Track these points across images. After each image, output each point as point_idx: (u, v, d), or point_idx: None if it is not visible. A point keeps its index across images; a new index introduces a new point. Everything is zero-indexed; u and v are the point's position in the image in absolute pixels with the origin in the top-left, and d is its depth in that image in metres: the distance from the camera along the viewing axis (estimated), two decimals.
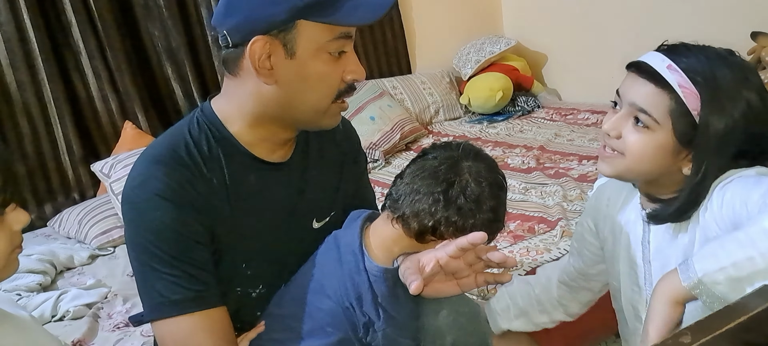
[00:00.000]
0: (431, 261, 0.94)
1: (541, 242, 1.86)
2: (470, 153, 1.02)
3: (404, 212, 1.00)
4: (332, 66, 0.98)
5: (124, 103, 2.67)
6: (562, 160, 2.61)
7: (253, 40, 0.94)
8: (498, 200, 1.02)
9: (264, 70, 0.96)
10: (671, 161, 0.97)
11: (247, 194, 1.05)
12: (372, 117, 3.04)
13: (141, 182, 0.99)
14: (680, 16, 3.01)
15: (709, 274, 0.78)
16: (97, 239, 2.21)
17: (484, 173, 1.00)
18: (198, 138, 1.03)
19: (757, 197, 0.84)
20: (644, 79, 0.96)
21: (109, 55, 2.61)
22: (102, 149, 2.63)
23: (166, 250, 0.97)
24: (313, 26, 0.94)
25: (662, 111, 0.94)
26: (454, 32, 3.74)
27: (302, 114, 1.02)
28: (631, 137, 0.97)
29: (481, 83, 3.39)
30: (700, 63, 0.94)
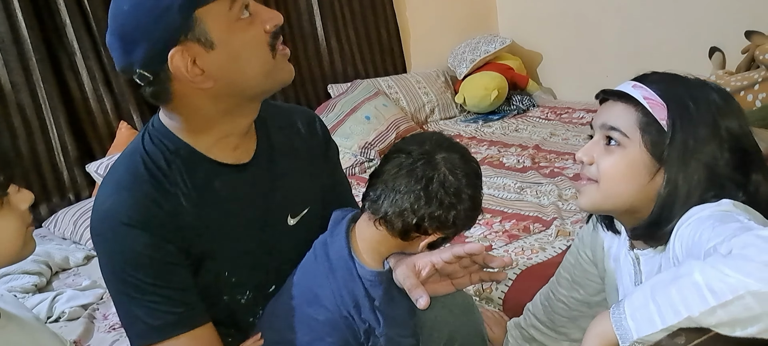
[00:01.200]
0: (427, 266, 0.95)
1: (536, 241, 1.87)
2: (443, 145, 1.01)
3: (386, 213, 0.99)
4: (250, 28, 0.95)
5: (119, 103, 2.67)
6: (557, 159, 2.62)
7: (170, 57, 0.90)
8: (476, 188, 1.01)
9: (197, 77, 0.92)
10: (646, 180, 0.95)
11: (214, 202, 1.02)
12: (367, 116, 3.04)
13: (106, 211, 0.97)
14: (674, 15, 3.02)
15: (645, 337, 0.76)
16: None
17: (459, 163, 1.00)
18: (154, 154, 1.00)
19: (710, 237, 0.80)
20: (612, 101, 0.99)
21: (103, 55, 2.60)
22: (97, 149, 2.63)
23: (142, 277, 0.95)
24: (208, 9, 0.90)
25: (631, 124, 0.95)
26: (449, 31, 3.75)
27: (254, 85, 0.98)
28: (604, 161, 0.97)
29: (477, 82, 3.40)
30: (668, 81, 0.97)
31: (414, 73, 3.61)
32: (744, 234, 0.74)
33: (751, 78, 2.47)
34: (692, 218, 0.88)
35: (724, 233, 0.78)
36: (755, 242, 0.72)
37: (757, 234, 0.73)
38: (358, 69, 3.48)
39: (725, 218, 0.83)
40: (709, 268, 0.73)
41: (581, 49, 3.53)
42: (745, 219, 0.82)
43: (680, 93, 0.94)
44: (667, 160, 0.93)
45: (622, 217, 1.03)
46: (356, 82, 3.32)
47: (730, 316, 0.70)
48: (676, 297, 0.74)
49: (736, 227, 0.79)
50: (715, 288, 0.71)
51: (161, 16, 0.89)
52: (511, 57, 3.64)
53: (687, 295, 0.73)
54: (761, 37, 2.60)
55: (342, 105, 3.10)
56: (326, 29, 3.31)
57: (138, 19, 0.90)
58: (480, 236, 1.97)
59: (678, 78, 0.98)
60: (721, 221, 0.82)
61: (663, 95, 0.94)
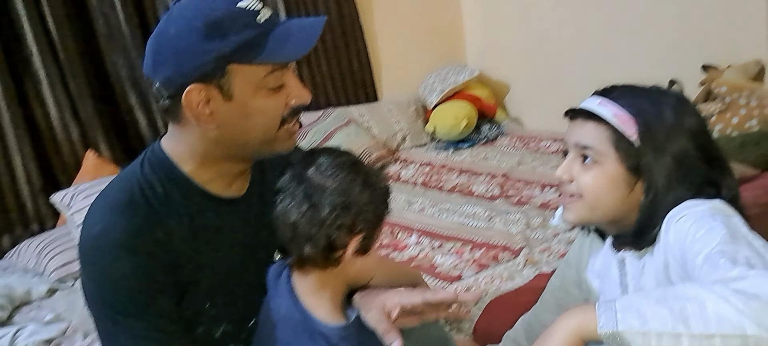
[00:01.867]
0: (396, 308, 0.95)
1: (505, 269, 1.89)
2: (307, 159, 0.98)
3: (301, 253, 0.96)
4: (273, 98, 0.97)
5: (86, 132, 2.63)
6: (525, 187, 2.66)
7: (187, 90, 0.93)
8: (358, 172, 0.97)
9: (204, 116, 0.95)
10: (626, 192, 0.99)
11: (206, 232, 1.03)
12: (339, 145, 3.05)
13: (97, 232, 0.96)
14: (635, 49, 3.12)
15: (630, 332, 0.74)
16: (57, 271, 2.16)
17: (327, 163, 0.97)
18: (152, 180, 1.00)
19: (706, 254, 0.82)
20: (582, 120, 1.03)
21: (70, 84, 2.57)
22: (62, 179, 2.58)
23: (129, 302, 0.94)
24: (244, 67, 0.93)
25: (604, 143, 0.99)
26: (420, 61, 3.81)
27: (252, 147, 1.01)
28: (584, 177, 1.01)
29: (447, 111, 3.45)
30: (630, 94, 1.01)
31: (385, 101, 3.64)
32: (760, 275, 0.75)
33: (709, 109, 2.56)
34: (687, 211, 0.92)
35: (736, 257, 0.79)
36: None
37: None
38: (330, 97, 3.50)
39: (735, 234, 0.84)
40: (722, 299, 0.72)
41: (547, 80, 3.61)
42: (753, 238, 0.84)
43: (644, 104, 0.99)
44: (644, 171, 0.97)
45: (607, 226, 1.07)
46: (328, 110, 3.33)
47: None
48: (677, 310, 0.74)
49: (748, 255, 0.80)
50: (724, 318, 0.71)
51: (198, 55, 0.91)
52: (479, 87, 3.70)
53: (690, 313, 0.73)
54: (717, 72, 2.71)
55: (314, 133, 3.11)
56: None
57: (177, 46, 0.93)
58: (450, 265, 1.99)
59: (639, 89, 1.03)
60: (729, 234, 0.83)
61: (630, 109, 0.98)
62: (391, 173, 3.15)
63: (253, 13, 0.94)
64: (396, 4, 3.73)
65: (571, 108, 1.05)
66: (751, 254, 0.80)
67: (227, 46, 0.91)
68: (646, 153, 0.97)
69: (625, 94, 1.01)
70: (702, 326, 0.72)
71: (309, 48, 0.95)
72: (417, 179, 3.00)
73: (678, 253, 0.91)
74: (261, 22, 0.94)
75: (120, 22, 2.68)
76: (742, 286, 0.74)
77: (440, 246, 2.16)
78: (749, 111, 2.46)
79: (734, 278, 0.76)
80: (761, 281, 0.74)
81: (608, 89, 1.04)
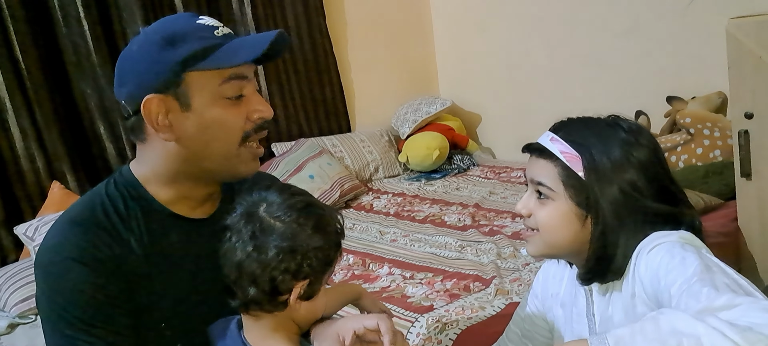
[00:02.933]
0: (349, 333, 0.94)
1: (476, 300, 1.89)
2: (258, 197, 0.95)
3: (246, 295, 0.92)
4: (233, 110, 0.98)
5: (52, 163, 2.58)
6: (496, 217, 2.68)
7: (145, 100, 0.95)
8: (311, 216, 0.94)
9: (163, 127, 0.97)
10: (579, 226, 1.01)
11: (167, 253, 1.02)
12: (311, 175, 3.05)
13: (55, 244, 0.96)
14: (603, 81, 3.20)
15: None
16: (18, 306, 2.10)
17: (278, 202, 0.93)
18: (115, 199, 1.01)
19: (681, 284, 0.84)
20: (536, 156, 1.05)
21: (36, 112, 2.53)
22: (27, 210, 2.52)
23: (80, 315, 0.93)
24: (200, 75, 0.95)
25: (554, 179, 1.01)
26: (392, 92, 3.84)
27: (212, 164, 1.01)
28: (540, 213, 1.03)
29: (419, 142, 3.48)
30: (579, 130, 1.03)
31: (358, 132, 3.66)
32: (753, 303, 0.76)
33: (674, 140, 2.62)
34: (658, 241, 0.93)
35: (715, 286, 0.80)
36: (759, 315, 0.74)
37: (762, 306, 0.75)
38: (303, 128, 3.50)
39: (708, 264, 0.86)
40: (718, 333, 0.73)
41: (518, 111, 3.67)
42: (726, 267, 0.86)
43: (591, 141, 1.00)
44: (592, 207, 0.99)
45: (570, 259, 1.09)
46: (300, 140, 3.33)
47: None
48: (670, 340, 0.75)
49: (727, 282, 0.81)
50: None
51: (154, 65, 0.95)
52: (451, 118, 3.74)
53: (666, 339, 0.75)
54: (681, 103, 2.78)
55: (286, 163, 3.10)
56: (270, 88, 3.33)
57: (138, 62, 0.97)
58: (422, 296, 1.98)
59: (589, 123, 1.05)
60: (703, 265, 0.85)
61: (576, 146, 1.00)
62: (363, 203, 3.15)
63: (211, 27, 0.98)
64: (369, 36, 3.77)
65: (526, 143, 1.08)
66: (729, 282, 0.82)
67: (181, 53, 0.94)
68: (592, 187, 0.98)
69: (575, 129, 1.03)
70: None
71: (260, 52, 0.95)
72: (389, 209, 3.00)
73: (648, 284, 0.92)
74: (218, 35, 0.97)
75: (89, 50, 2.66)
76: (732, 316, 0.75)
77: (411, 277, 2.15)
78: (713, 142, 2.53)
79: (722, 307, 0.76)
80: (751, 310, 0.75)
81: (561, 124, 1.06)
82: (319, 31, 3.50)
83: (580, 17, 3.26)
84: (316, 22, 3.48)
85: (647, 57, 3.02)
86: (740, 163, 1.90)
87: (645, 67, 3.04)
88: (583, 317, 1.10)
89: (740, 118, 1.84)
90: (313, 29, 3.48)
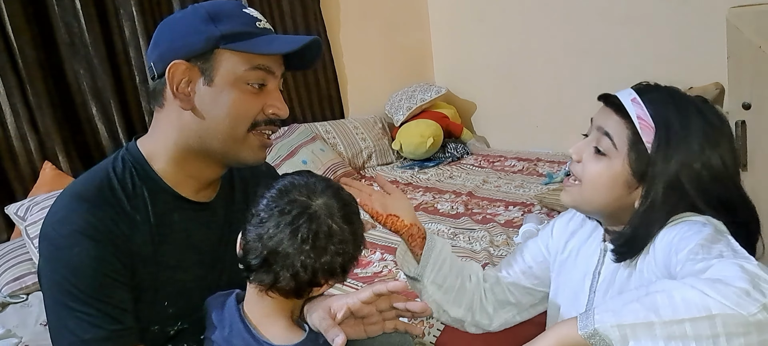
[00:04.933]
0: (342, 308, 0.94)
1: None
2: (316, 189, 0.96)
3: (277, 279, 0.93)
4: (250, 96, 1.01)
5: (44, 143, 2.56)
6: (490, 206, 2.68)
7: (172, 64, 0.98)
8: (356, 224, 0.98)
9: (182, 94, 1.00)
10: (624, 193, 1.00)
11: (170, 233, 1.04)
12: (304, 161, 3.04)
13: (61, 217, 0.97)
14: (596, 71, 3.20)
15: (606, 326, 0.78)
16: (9, 285, 2.09)
17: (337, 207, 0.95)
18: (122, 176, 1.03)
19: (689, 249, 0.85)
20: (611, 109, 1.03)
21: (29, 92, 2.51)
22: (18, 190, 2.51)
23: (83, 288, 0.94)
24: (230, 55, 0.98)
25: (621, 138, 0.99)
26: (387, 79, 3.82)
27: (219, 143, 1.02)
28: (590, 165, 1.02)
29: (413, 130, 3.47)
30: (664, 102, 0.99)
31: (352, 118, 3.64)
32: (727, 260, 0.79)
33: None
34: (681, 219, 0.94)
35: (711, 250, 0.83)
36: (736, 270, 0.76)
37: (740, 264, 0.78)
38: (296, 113, 3.49)
39: (717, 236, 0.87)
40: (687, 286, 0.76)
41: (513, 101, 3.67)
42: (734, 242, 0.86)
43: (671, 118, 0.97)
44: (647, 181, 0.97)
45: (600, 219, 1.08)
46: (294, 126, 3.32)
47: (695, 331, 0.74)
48: (647, 302, 0.77)
49: (723, 249, 0.83)
50: (690, 302, 0.75)
51: (192, 34, 0.99)
52: (446, 106, 3.73)
53: (659, 303, 0.76)
54: None
55: (279, 149, 3.09)
56: None
57: (177, 28, 1.01)
58: None
59: (676, 98, 1.00)
60: (712, 235, 0.87)
61: (654, 117, 0.97)
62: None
63: (254, 18, 1.02)
64: (364, 21, 3.75)
65: (605, 92, 1.05)
66: (726, 249, 0.83)
67: (219, 29, 0.97)
68: (655, 163, 0.96)
69: (660, 99, 1.00)
70: (671, 313, 0.75)
71: (293, 47, 1.00)
72: None
73: (661, 255, 0.93)
74: (259, 26, 1.01)
75: (82, 30, 2.63)
76: (707, 274, 0.78)
77: None
78: None
79: (701, 270, 0.79)
80: (724, 266, 0.78)
81: (647, 87, 1.03)
82: (314, 16, 3.48)
83: (578, 6, 3.26)
84: (310, 6, 3.46)
85: (645, 47, 3.02)
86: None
87: (642, 57, 3.04)
88: (590, 272, 1.10)
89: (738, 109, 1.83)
90: (308, 14, 3.46)
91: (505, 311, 1.27)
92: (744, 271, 0.76)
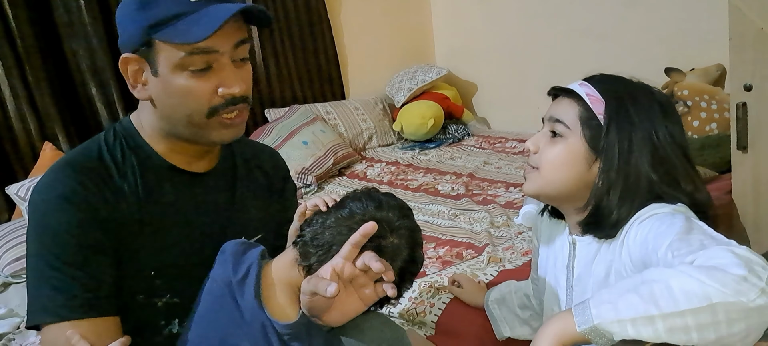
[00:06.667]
0: (328, 269, 0.92)
1: (468, 267, 1.90)
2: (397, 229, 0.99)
3: (312, 265, 0.96)
4: (198, 82, 0.97)
5: (44, 124, 2.56)
6: (490, 187, 2.68)
7: (122, 58, 0.99)
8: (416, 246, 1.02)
9: (137, 86, 1.00)
10: (584, 169, 1.02)
11: (160, 203, 1.04)
12: (305, 142, 3.03)
13: (47, 183, 0.98)
14: (598, 53, 3.18)
15: (606, 323, 0.77)
16: (11, 265, 2.09)
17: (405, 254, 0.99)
18: (112, 145, 1.04)
19: (668, 244, 0.86)
20: (560, 97, 1.08)
21: (28, 73, 2.49)
22: (19, 171, 2.51)
23: (61, 254, 0.94)
24: (165, 44, 0.95)
25: (573, 117, 1.03)
26: (387, 60, 3.80)
27: (183, 129, 1.02)
28: (548, 150, 1.05)
29: (414, 111, 3.45)
30: (612, 80, 1.05)
31: (352, 99, 3.63)
32: (715, 248, 0.79)
33: None
34: (650, 213, 0.95)
35: (691, 242, 0.83)
36: (729, 257, 0.76)
37: (730, 250, 0.78)
38: (297, 94, 3.47)
39: (691, 226, 0.88)
40: (685, 275, 0.76)
41: (514, 82, 3.65)
42: (708, 228, 0.88)
43: (620, 91, 1.02)
44: (603, 152, 1.00)
45: (563, 205, 1.10)
46: (294, 107, 3.31)
47: (697, 322, 0.74)
48: (646, 294, 0.76)
49: (702, 239, 0.84)
50: (691, 293, 0.74)
51: (131, 23, 0.97)
52: (447, 87, 3.72)
53: (658, 295, 0.76)
54: (679, 75, 2.77)
55: (279, 129, 3.08)
56: (265, 53, 3.30)
57: (123, 15, 0.99)
58: None
59: (621, 79, 1.06)
60: (686, 226, 0.87)
61: (603, 92, 1.02)
62: (356, 171, 3.14)
63: None
64: (365, 2, 3.72)
65: (553, 86, 1.10)
66: (705, 239, 0.84)
67: (150, 17, 0.94)
68: (608, 135, 1.00)
69: (606, 79, 1.05)
70: (672, 305, 0.75)
71: (210, 32, 0.92)
72: (383, 178, 3.00)
73: (636, 251, 0.94)
74: (193, 0, 0.94)
75: (80, 9, 2.61)
76: (701, 260, 0.78)
77: None
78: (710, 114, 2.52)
79: (693, 254, 0.80)
80: (715, 252, 0.78)
81: (596, 76, 1.08)
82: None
83: None
84: None
85: (647, 28, 3.00)
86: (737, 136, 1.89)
87: (644, 39, 3.02)
88: (564, 267, 1.13)
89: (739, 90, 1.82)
90: None
91: None
92: (737, 256, 0.76)
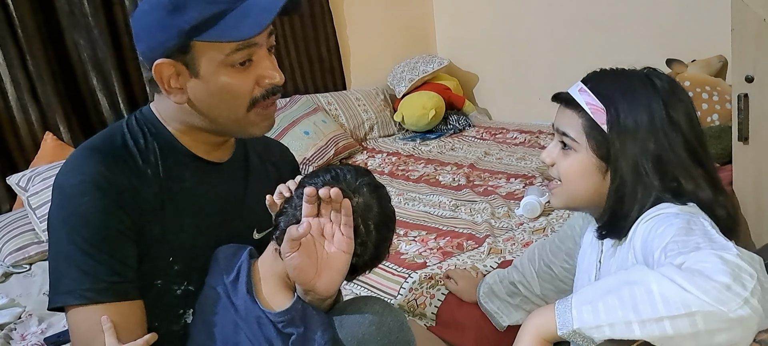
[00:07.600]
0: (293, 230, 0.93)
1: (469, 258, 1.90)
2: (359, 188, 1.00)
3: None
4: (241, 77, 0.99)
5: (46, 114, 2.56)
6: (491, 178, 2.68)
7: (156, 64, 0.97)
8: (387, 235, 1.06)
9: (174, 90, 1.00)
10: (599, 179, 1.02)
11: (181, 190, 1.06)
12: (306, 132, 3.03)
13: (73, 167, 0.99)
14: (600, 43, 3.17)
15: (585, 328, 0.77)
16: (12, 255, 2.10)
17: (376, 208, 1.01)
18: (135, 132, 1.05)
19: (663, 246, 0.84)
20: (563, 106, 1.06)
21: (30, 64, 2.50)
22: (20, 161, 2.51)
23: (88, 237, 0.95)
24: (207, 44, 0.96)
25: (578, 131, 1.02)
26: (389, 50, 3.80)
27: (223, 126, 1.05)
28: (563, 163, 1.05)
29: (415, 101, 3.45)
30: (609, 82, 1.02)
31: (353, 90, 3.63)
32: (705, 251, 0.77)
33: None
34: (656, 213, 0.94)
35: (687, 243, 0.81)
36: (716, 263, 0.74)
37: (719, 255, 0.75)
38: (298, 84, 3.47)
39: (691, 226, 0.86)
40: (666, 279, 0.74)
41: (515, 72, 3.64)
42: (710, 229, 0.86)
43: (617, 94, 1.00)
44: (612, 160, 0.99)
45: (590, 211, 1.11)
46: (295, 97, 3.30)
47: (675, 330, 0.72)
48: (626, 297, 0.75)
49: (698, 241, 0.82)
50: (670, 299, 0.72)
51: (161, 30, 0.95)
52: (448, 77, 3.71)
53: (638, 299, 0.74)
54: (681, 66, 2.76)
55: (280, 120, 3.08)
56: None
57: (147, 22, 0.98)
58: (415, 253, 1.99)
59: (621, 76, 1.03)
60: (686, 227, 0.86)
61: (602, 98, 1.00)
62: (357, 162, 3.14)
63: None
64: None
65: (556, 93, 1.08)
66: (702, 240, 0.82)
67: (187, 21, 0.94)
68: (613, 142, 0.98)
69: (605, 81, 1.03)
70: (650, 311, 0.73)
71: (264, 25, 0.94)
72: (384, 169, 3.00)
73: (639, 250, 0.94)
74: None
75: (82, 1, 2.60)
76: (688, 262, 0.76)
77: (405, 234, 2.16)
78: (711, 106, 2.52)
79: (679, 264, 0.77)
80: (703, 255, 0.76)
81: (593, 75, 1.06)
82: None
83: None
84: None
85: (648, 19, 2.99)
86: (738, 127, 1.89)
87: (645, 29, 3.01)
88: (593, 263, 1.14)
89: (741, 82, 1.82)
90: None
91: None
92: (724, 262, 0.73)
